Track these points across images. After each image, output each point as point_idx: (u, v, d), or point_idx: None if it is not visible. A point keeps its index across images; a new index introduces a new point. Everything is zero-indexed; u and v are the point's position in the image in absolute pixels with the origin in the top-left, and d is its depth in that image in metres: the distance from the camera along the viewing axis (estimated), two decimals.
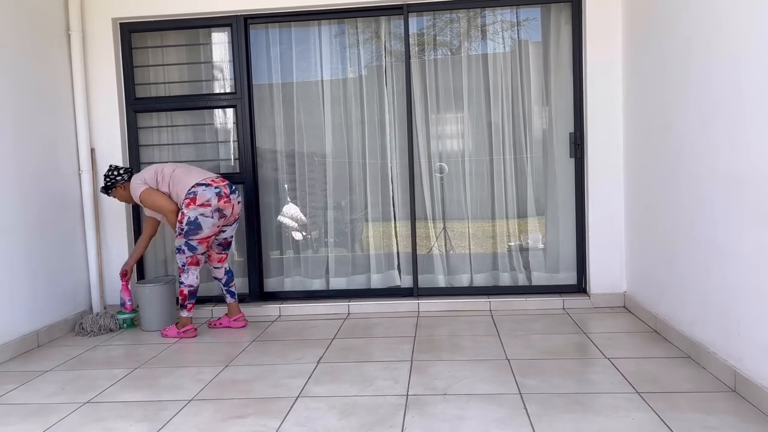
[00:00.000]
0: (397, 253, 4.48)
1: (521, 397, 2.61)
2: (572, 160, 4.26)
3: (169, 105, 4.43)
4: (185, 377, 3.07)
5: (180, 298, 3.83)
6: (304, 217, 4.52)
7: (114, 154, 4.36)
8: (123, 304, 4.13)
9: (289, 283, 4.54)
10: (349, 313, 4.28)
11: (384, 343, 3.51)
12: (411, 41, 4.30)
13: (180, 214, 3.71)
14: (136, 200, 3.83)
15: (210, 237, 3.75)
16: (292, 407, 2.62)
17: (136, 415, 2.61)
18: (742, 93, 2.51)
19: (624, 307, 4.11)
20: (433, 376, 2.92)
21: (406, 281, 4.45)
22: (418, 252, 4.40)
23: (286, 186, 4.52)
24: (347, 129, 4.43)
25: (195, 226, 3.68)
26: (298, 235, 4.55)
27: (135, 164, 4.45)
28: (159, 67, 4.48)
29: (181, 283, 3.80)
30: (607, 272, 4.16)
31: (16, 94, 3.72)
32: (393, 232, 4.47)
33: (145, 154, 4.51)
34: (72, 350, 3.67)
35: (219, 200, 3.70)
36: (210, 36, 4.45)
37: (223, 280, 4.03)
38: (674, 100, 3.18)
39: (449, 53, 4.35)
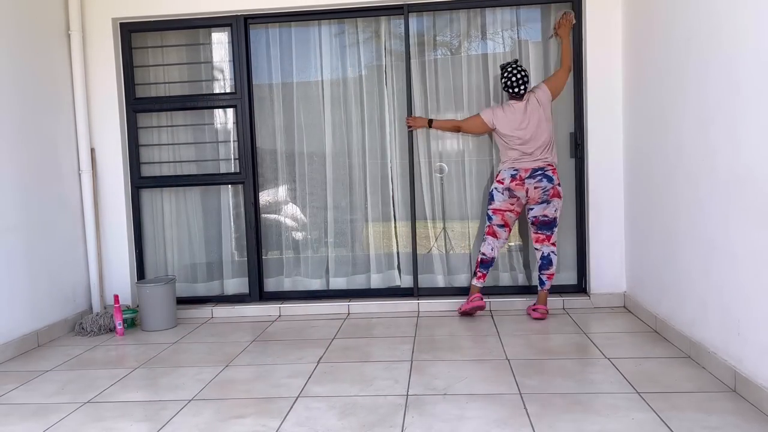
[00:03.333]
0: (397, 253, 4.48)
1: (521, 397, 2.61)
2: (572, 160, 4.26)
3: (169, 105, 4.43)
4: (185, 377, 3.07)
5: (475, 265, 4.09)
6: (304, 217, 4.52)
7: (114, 154, 4.36)
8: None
9: (289, 283, 4.54)
10: (349, 313, 4.28)
11: (384, 343, 3.51)
12: (411, 41, 4.30)
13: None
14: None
15: (503, 210, 3.93)
16: (292, 407, 2.62)
17: (136, 415, 2.61)
18: (741, 93, 2.51)
19: (624, 307, 4.11)
20: (433, 376, 2.93)
21: (406, 281, 4.45)
22: (418, 252, 4.40)
23: (286, 186, 4.52)
24: (347, 129, 4.43)
25: (490, 197, 3.98)
26: (298, 236, 4.55)
27: (135, 164, 4.45)
28: (159, 67, 4.48)
29: (479, 250, 4.04)
30: (607, 272, 4.15)
31: (16, 94, 3.72)
32: (393, 232, 4.47)
33: (145, 154, 4.51)
34: (72, 350, 3.68)
35: (512, 181, 3.86)
36: (210, 36, 4.45)
37: (538, 265, 3.99)
38: (674, 100, 3.19)
39: (449, 53, 4.35)
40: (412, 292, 4.39)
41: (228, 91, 4.44)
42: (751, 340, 2.49)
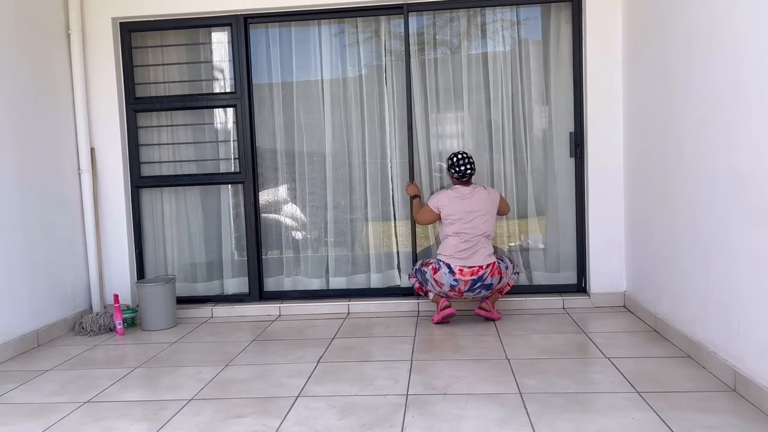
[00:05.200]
0: (397, 252, 4.48)
1: (521, 397, 2.61)
2: (572, 160, 4.26)
3: (169, 104, 4.43)
4: (185, 377, 3.07)
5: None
6: (304, 217, 4.52)
7: (114, 153, 4.36)
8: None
9: (289, 283, 4.53)
10: (349, 313, 4.28)
11: (384, 343, 3.51)
12: (411, 40, 4.29)
13: (432, 265, 3.82)
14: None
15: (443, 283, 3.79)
16: (292, 407, 2.62)
17: (136, 415, 2.61)
18: (742, 92, 2.51)
19: (624, 306, 4.11)
20: (433, 375, 2.92)
21: (405, 281, 4.45)
22: (417, 251, 4.40)
23: (286, 185, 4.52)
24: (347, 128, 4.43)
25: (427, 278, 3.85)
26: (298, 235, 4.55)
27: (135, 164, 4.45)
28: (159, 66, 4.48)
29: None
30: (607, 272, 4.15)
31: (16, 93, 3.72)
32: (393, 232, 4.47)
33: (145, 154, 4.51)
34: (72, 350, 3.67)
35: (450, 290, 3.77)
36: (210, 35, 4.45)
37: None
38: (674, 100, 3.18)
39: (449, 52, 4.35)
40: (412, 292, 4.39)
41: (228, 90, 4.43)
42: (751, 339, 2.49)
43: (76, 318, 4.16)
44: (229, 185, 4.49)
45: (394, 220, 4.45)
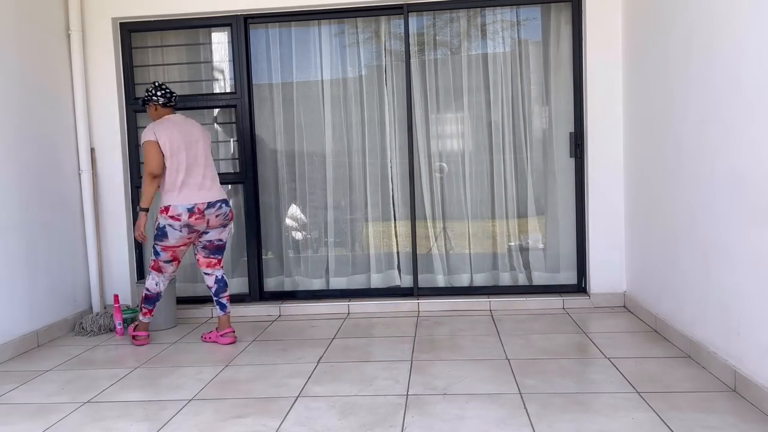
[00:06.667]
0: (397, 252, 4.48)
1: (521, 397, 2.61)
2: (572, 160, 4.26)
3: None
4: (185, 377, 3.07)
5: (140, 299, 3.71)
6: (304, 217, 4.52)
7: (114, 153, 4.36)
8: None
9: (289, 283, 4.54)
10: (349, 313, 4.28)
11: (384, 343, 3.51)
12: (411, 41, 4.30)
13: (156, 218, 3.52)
14: (141, 141, 3.56)
15: (176, 246, 3.54)
16: (292, 407, 2.62)
17: (136, 415, 2.61)
18: (742, 93, 2.51)
19: (624, 306, 4.11)
20: (434, 375, 2.93)
21: (406, 281, 4.45)
22: (418, 252, 4.40)
23: (286, 186, 4.52)
24: (347, 129, 4.43)
25: (162, 233, 3.49)
26: (298, 235, 4.55)
27: (135, 164, 4.45)
28: (159, 66, 4.48)
29: (144, 286, 3.68)
30: (607, 272, 4.16)
31: (16, 93, 3.72)
32: (393, 232, 4.47)
33: None
34: (72, 350, 3.68)
35: (190, 216, 3.45)
36: (210, 36, 4.45)
37: (213, 289, 3.70)
38: (674, 100, 3.19)
39: (449, 53, 4.35)
40: (412, 292, 4.39)
41: (228, 91, 4.44)
42: (751, 339, 2.49)
43: (76, 318, 4.16)
44: (229, 185, 4.49)
45: (394, 220, 4.45)
